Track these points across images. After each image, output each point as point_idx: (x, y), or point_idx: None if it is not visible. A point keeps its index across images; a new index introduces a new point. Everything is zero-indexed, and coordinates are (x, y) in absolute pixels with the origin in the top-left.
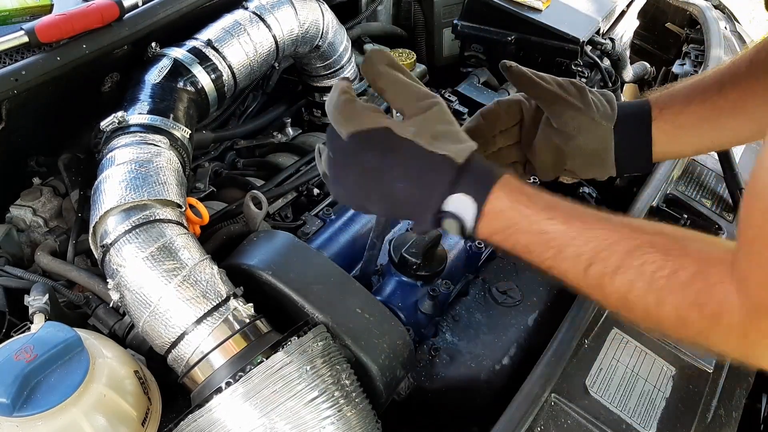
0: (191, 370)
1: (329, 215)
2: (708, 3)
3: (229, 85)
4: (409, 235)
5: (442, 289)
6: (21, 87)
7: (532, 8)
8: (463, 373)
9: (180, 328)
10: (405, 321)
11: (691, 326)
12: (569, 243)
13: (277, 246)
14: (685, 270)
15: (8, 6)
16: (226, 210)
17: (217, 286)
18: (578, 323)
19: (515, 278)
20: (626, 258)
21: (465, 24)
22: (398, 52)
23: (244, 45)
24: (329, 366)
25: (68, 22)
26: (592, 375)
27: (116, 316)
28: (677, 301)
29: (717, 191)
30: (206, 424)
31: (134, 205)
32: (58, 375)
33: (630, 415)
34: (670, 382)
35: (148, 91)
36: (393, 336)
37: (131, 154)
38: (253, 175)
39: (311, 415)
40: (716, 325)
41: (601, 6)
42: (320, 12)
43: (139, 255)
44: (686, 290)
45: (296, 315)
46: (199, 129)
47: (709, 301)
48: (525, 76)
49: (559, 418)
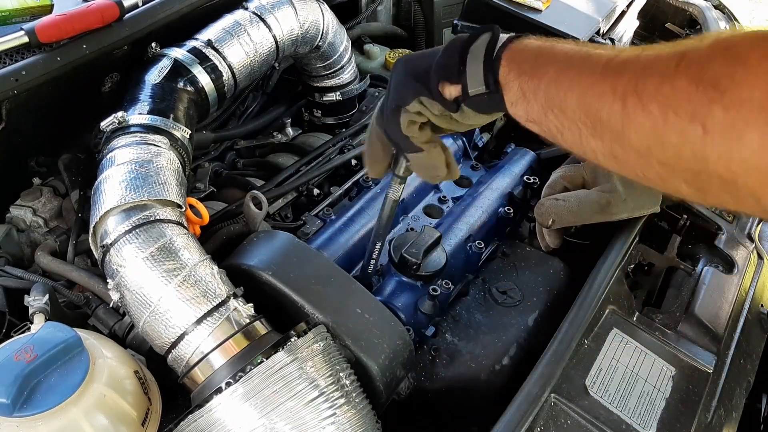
0: (191, 371)
1: (329, 215)
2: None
3: (229, 85)
4: (410, 235)
5: (442, 289)
6: (21, 87)
7: (532, 8)
8: (463, 373)
9: (180, 329)
10: (405, 321)
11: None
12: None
13: (277, 246)
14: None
15: (8, 6)
16: (226, 210)
17: (217, 286)
18: (578, 323)
19: (515, 278)
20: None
21: (465, 24)
22: (398, 52)
23: (244, 45)
24: (329, 366)
25: (68, 22)
26: (592, 375)
27: (116, 316)
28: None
29: None
30: (206, 425)
31: (134, 205)
32: (58, 375)
33: (630, 415)
34: (670, 382)
35: (148, 91)
36: (393, 336)
37: (131, 155)
38: (253, 175)
39: (311, 415)
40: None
41: (601, 6)
42: (320, 12)
43: (139, 255)
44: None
45: (296, 315)
46: (199, 129)
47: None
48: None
49: (559, 419)
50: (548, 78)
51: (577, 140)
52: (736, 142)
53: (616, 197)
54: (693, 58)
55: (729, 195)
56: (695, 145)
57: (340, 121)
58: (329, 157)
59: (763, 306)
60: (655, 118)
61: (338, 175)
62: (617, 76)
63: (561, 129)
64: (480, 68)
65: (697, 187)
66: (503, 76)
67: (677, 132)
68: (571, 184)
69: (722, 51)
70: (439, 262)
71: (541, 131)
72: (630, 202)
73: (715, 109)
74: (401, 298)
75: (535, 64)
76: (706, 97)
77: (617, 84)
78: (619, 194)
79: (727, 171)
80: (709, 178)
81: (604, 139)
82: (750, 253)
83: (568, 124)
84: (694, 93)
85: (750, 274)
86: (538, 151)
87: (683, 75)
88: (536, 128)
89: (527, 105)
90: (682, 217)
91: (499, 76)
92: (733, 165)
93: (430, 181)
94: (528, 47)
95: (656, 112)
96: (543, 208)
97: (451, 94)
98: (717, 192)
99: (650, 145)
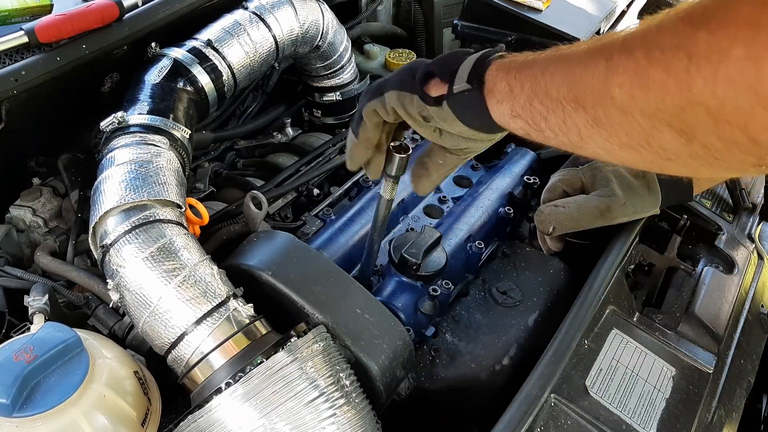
0: (191, 371)
1: (329, 215)
2: None
3: (229, 85)
4: (410, 235)
5: (442, 289)
6: (21, 87)
7: (532, 8)
8: (463, 373)
9: (180, 329)
10: (405, 321)
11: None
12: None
13: (277, 246)
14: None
15: (8, 6)
16: (226, 210)
17: (217, 286)
18: (578, 323)
19: (515, 278)
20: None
21: (465, 24)
22: (398, 52)
23: (244, 45)
24: (329, 366)
25: (68, 22)
26: (592, 375)
27: (116, 316)
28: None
29: (717, 191)
30: (206, 425)
31: (134, 205)
32: (58, 375)
33: (630, 415)
34: (670, 383)
35: (148, 91)
36: (393, 336)
37: (131, 155)
38: (253, 175)
39: (311, 415)
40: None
41: (601, 6)
42: (320, 12)
43: (138, 255)
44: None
45: (296, 315)
46: (199, 129)
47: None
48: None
49: (559, 419)
50: (535, 70)
51: (560, 121)
52: (722, 62)
53: (615, 201)
54: (682, 7)
55: (715, 133)
56: (679, 76)
57: (340, 121)
58: (329, 157)
59: (763, 306)
60: (638, 60)
61: (338, 175)
62: (603, 45)
63: (545, 114)
64: (468, 68)
65: (681, 130)
66: (492, 77)
67: (662, 68)
68: (570, 188)
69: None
70: (439, 263)
71: (524, 126)
72: (630, 206)
73: (699, 36)
74: (401, 298)
75: (523, 63)
76: (691, 27)
77: (603, 49)
78: (618, 198)
79: (713, 97)
80: (694, 114)
81: (586, 107)
82: (750, 253)
83: (553, 106)
84: (681, 27)
85: (750, 274)
86: (538, 152)
87: (671, 17)
88: (520, 123)
89: (513, 100)
90: (682, 217)
91: (485, 77)
92: (719, 89)
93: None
94: (519, 55)
95: (640, 55)
96: (543, 215)
97: (437, 92)
98: (703, 132)
99: (633, 93)
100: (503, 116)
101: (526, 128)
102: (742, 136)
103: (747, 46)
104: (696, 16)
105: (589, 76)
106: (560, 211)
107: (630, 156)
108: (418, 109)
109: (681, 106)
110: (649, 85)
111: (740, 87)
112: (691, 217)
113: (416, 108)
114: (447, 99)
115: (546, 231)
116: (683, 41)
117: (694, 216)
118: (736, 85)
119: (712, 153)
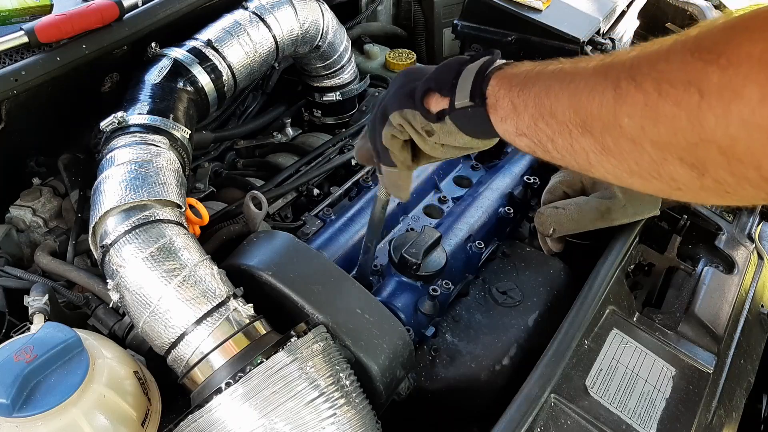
0: (191, 371)
1: (329, 216)
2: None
3: (229, 85)
4: (410, 235)
5: (442, 289)
6: (21, 87)
7: (532, 8)
8: (463, 373)
9: (180, 329)
10: (405, 321)
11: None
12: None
13: (276, 246)
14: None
15: (8, 6)
16: (226, 210)
17: (217, 286)
18: (578, 323)
19: (515, 278)
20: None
21: (465, 24)
22: (398, 52)
23: (244, 45)
24: (329, 366)
25: (68, 22)
26: (592, 375)
27: (116, 316)
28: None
29: None
30: (206, 425)
31: (134, 205)
32: (58, 375)
33: (630, 415)
34: (670, 383)
35: (148, 91)
36: (393, 336)
37: (131, 155)
38: (253, 175)
39: (311, 415)
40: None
41: (601, 6)
42: (320, 12)
43: (139, 255)
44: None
45: (296, 315)
46: (199, 129)
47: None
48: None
49: (559, 419)
50: (538, 88)
51: (567, 144)
52: (734, 101)
53: (615, 203)
54: (689, 35)
55: (727, 170)
56: (691, 112)
57: (340, 121)
58: (329, 157)
59: (763, 306)
60: (648, 93)
61: (338, 175)
62: (609, 68)
63: (551, 136)
64: (469, 83)
65: (692, 164)
66: (493, 92)
67: (672, 102)
68: (570, 189)
69: (720, 24)
70: (439, 263)
71: (530, 144)
72: (629, 208)
73: (711, 71)
74: (401, 298)
75: (525, 79)
76: (701, 61)
77: (609, 73)
78: (618, 200)
79: (726, 136)
80: (706, 150)
81: (594, 133)
82: (750, 253)
83: (559, 128)
84: (690, 60)
85: (750, 274)
86: None
87: (679, 49)
88: (525, 141)
89: (517, 118)
90: (682, 217)
91: (487, 92)
92: (731, 128)
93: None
94: (520, 68)
95: (650, 88)
96: (543, 217)
97: (438, 107)
98: (715, 168)
99: (643, 125)
100: (508, 133)
101: (533, 147)
102: (754, 174)
103: (761, 87)
104: (705, 48)
105: (596, 103)
106: (560, 213)
107: (640, 183)
108: (422, 124)
109: (693, 142)
110: (659, 119)
111: (753, 127)
112: (691, 217)
113: (420, 123)
114: (449, 114)
115: (546, 232)
116: (694, 76)
117: (694, 216)
118: (748, 125)
119: (724, 187)
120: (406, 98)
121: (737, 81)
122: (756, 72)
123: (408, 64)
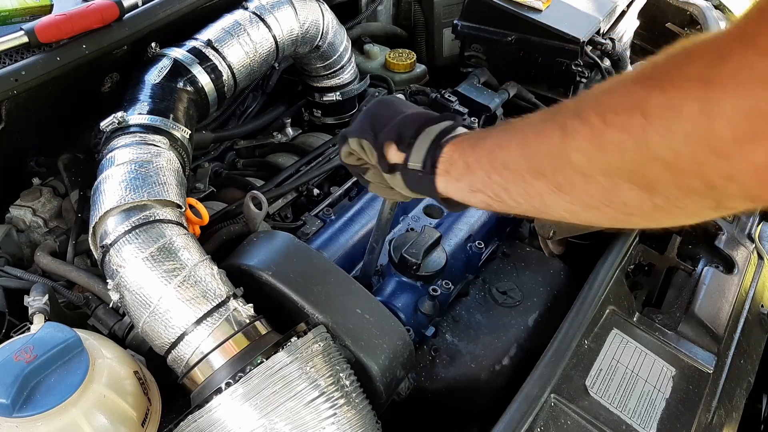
0: (191, 371)
1: (329, 216)
2: (708, 3)
3: (229, 85)
4: (410, 235)
5: (442, 289)
6: (21, 87)
7: (532, 8)
8: (464, 373)
9: (180, 329)
10: (405, 321)
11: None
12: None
13: (277, 246)
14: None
15: (8, 6)
16: (226, 210)
17: (217, 286)
18: (578, 323)
19: (515, 278)
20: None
21: (465, 24)
22: (398, 52)
23: (244, 45)
24: (329, 366)
25: (68, 22)
26: (592, 375)
27: (116, 316)
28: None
29: None
30: (206, 425)
31: (134, 205)
32: (58, 375)
33: (630, 415)
34: (670, 383)
35: (148, 91)
36: (393, 336)
37: (131, 155)
38: (253, 175)
39: (311, 415)
40: None
41: (601, 6)
42: (320, 12)
43: (139, 255)
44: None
45: (296, 315)
46: (199, 129)
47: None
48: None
49: (559, 419)
50: (490, 143)
51: (522, 191)
52: (676, 119)
53: None
54: (629, 73)
55: (674, 184)
56: (636, 135)
57: (340, 121)
58: (329, 157)
59: (763, 306)
60: (593, 125)
61: (338, 175)
62: (555, 113)
63: (505, 186)
64: (425, 148)
65: (642, 185)
66: (447, 157)
67: (617, 128)
68: None
69: (663, 56)
70: (439, 263)
71: (485, 199)
72: None
73: (653, 95)
74: (401, 298)
75: (477, 138)
76: (644, 87)
77: (555, 117)
78: None
79: (670, 151)
80: (652, 168)
81: (546, 174)
82: (750, 253)
83: (512, 177)
84: (632, 88)
85: (750, 274)
86: None
87: (621, 82)
88: (480, 197)
89: (472, 176)
90: None
91: (438, 160)
92: (675, 143)
93: None
94: (474, 132)
95: (595, 120)
96: (543, 220)
97: (394, 159)
98: (663, 184)
99: (591, 156)
100: (462, 192)
101: (487, 201)
102: (699, 184)
103: (699, 102)
104: (647, 76)
105: (545, 146)
106: None
107: (594, 216)
108: (375, 163)
109: (640, 163)
110: (606, 146)
111: (694, 139)
112: None
113: (374, 160)
114: (400, 170)
115: (547, 235)
116: (637, 102)
117: None
118: (690, 138)
119: (673, 202)
120: (370, 132)
121: (677, 100)
122: (695, 89)
123: (408, 64)
